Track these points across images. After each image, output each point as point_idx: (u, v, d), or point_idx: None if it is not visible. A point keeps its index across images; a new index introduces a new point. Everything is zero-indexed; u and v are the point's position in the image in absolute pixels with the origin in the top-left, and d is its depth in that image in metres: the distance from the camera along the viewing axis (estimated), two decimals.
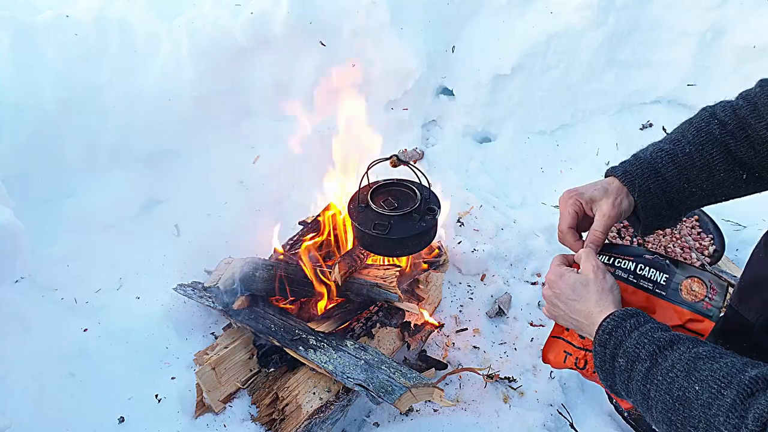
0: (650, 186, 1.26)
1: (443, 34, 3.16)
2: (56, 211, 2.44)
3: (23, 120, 2.35)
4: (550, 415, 1.92)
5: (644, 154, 1.30)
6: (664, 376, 0.94)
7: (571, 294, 1.16)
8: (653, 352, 0.97)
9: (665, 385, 0.93)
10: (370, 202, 1.80)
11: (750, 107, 1.22)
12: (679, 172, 1.25)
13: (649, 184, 1.26)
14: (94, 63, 2.52)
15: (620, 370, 1.02)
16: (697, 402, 0.87)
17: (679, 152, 1.25)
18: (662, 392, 0.93)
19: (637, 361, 0.99)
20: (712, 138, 1.24)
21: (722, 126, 1.24)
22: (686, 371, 0.91)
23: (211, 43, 2.67)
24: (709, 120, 1.26)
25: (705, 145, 1.24)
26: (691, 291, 1.17)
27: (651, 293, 1.20)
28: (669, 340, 0.97)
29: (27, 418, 1.75)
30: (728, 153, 1.23)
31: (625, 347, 1.01)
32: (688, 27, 3.14)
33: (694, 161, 1.24)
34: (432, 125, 3.30)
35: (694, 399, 0.88)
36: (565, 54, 3.15)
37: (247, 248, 2.33)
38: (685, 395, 0.90)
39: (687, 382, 0.90)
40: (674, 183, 1.26)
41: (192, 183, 2.69)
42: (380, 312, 2.06)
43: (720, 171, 1.24)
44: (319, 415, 1.76)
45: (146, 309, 2.19)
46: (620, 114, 3.35)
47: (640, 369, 0.98)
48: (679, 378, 0.92)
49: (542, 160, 3.12)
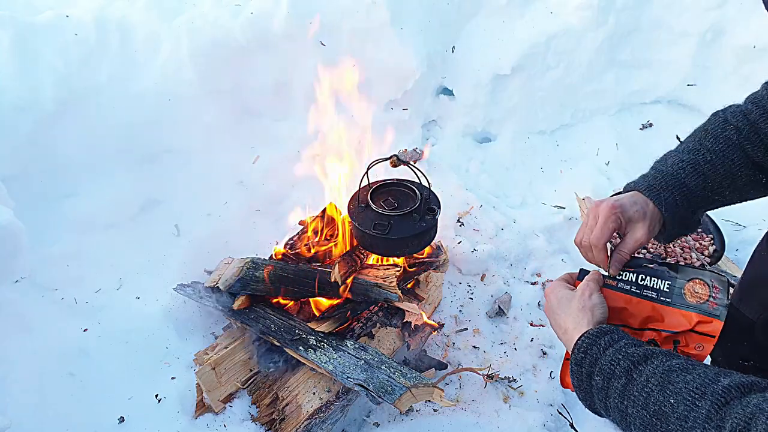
0: (676, 199, 1.23)
1: (443, 34, 3.16)
2: (56, 211, 2.44)
3: (23, 120, 2.35)
4: (550, 415, 1.92)
5: (665, 166, 1.27)
6: (640, 391, 0.93)
7: (556, 308, 1.18)
8: (628, 368, 0.96)
9: (641, 400, 0.92)
10: (370, 202, 1.80)
11: (759, 111, 1.22)
12: (703, 182, 1.23)
13: (675, 197, 1.23)
14: (94, 63, 2.52)
15: (597, 388, 1.01)
16: (673, 415, 0.87)
17: (701, 161, 1.23)
18: (639, 408, 0.93)
19: (613, 378, 0.98)
20: (731, 144, 1.22)
21: (738, 131, 1.23)
22: (661, 385, 0.91)
23: (211, 43, 2.67)
24: (725, 126, 1.25)
25: (725, 152, 1.22)
26: (695, 293, 1.16)
27: (656, 302, 1.19)
28: (643, 355, 0.97)
29: (27, 418, 1.75)
30: (747, 157, 1.22)
31: (600, 365, 1.01)
32: (688, 27, 3.14)
33: (716, 169, 1.23)
34: (432, 125, 3.30)
35: (670, 413, 0.88)
36: (565, 54, 3.15)
37: (247, 248, 2.33)
38: (661, 409, 0.89)
39: (662, 395, 0.90)
40: (698, 192, 1.24)
41: (192, 183, 2.69)
42: (380, 312, 2.06)
43: (742, 176, 1.23)
44: (319, 415, 1.76)
45: (146, 309, 2.19)
46: (620, 114, 3.35)
47: (617, 386, 0.97)
48: (654, 392, 0.91)
49: (542, 160, 3.12)
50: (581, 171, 3.04)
